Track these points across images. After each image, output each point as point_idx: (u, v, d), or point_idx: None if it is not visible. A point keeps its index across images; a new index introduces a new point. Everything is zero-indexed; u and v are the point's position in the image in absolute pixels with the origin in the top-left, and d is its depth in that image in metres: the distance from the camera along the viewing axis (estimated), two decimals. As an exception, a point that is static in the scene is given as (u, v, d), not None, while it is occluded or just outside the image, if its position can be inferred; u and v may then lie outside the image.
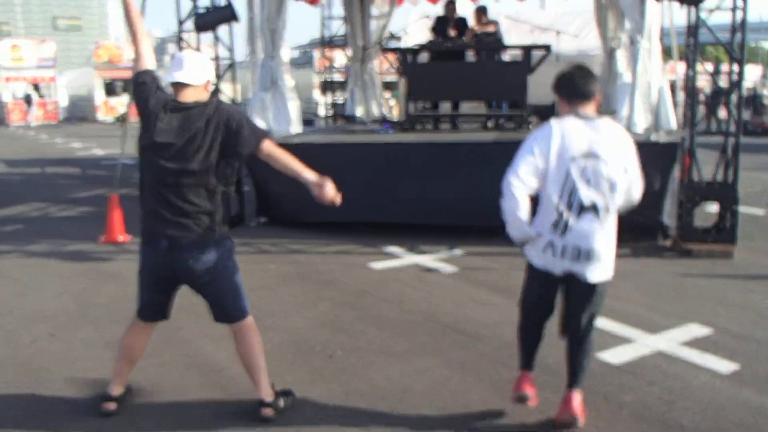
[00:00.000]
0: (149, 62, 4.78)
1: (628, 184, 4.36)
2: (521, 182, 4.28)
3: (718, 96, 9.97)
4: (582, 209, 4.26)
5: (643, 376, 5.40)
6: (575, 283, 4.43)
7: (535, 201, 4.42)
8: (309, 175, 4.81)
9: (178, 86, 4.50)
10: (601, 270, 4.38)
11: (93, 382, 5.40)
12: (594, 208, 4.26)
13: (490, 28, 12.74)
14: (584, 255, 4.31)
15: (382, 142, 11.17)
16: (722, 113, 9.95)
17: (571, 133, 4.30)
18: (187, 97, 4.49)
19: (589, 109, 4.41)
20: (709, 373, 5.46)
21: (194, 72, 4.51)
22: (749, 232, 9.95)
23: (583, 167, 4.24)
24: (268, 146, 4.63)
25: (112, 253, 9.59)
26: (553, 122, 4.39)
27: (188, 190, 4.45)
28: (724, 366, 5.58)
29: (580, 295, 4.47)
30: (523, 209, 4.32)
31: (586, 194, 4.25)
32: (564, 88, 4.49)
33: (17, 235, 10.88)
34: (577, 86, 4.43)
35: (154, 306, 4.85)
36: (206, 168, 4.44)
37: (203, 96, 4.58)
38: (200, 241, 4.51)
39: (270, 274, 8.47)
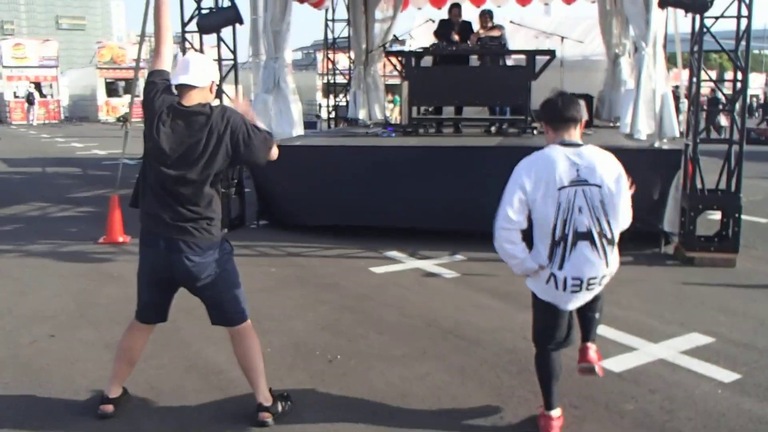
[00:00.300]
0: (166, 64, 4.75)
1: (620, 208, 4.29)
2: (512, 225, 4.29)
3: (715, 104, 9.97)
4: (577, 238, 4.20)
5: (644, 385, 5.37)
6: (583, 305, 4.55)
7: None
8: None
9: (183, 88, 4.47)
10: (604, 283, 4.46)
11: (92, 383, 5.38)
12: (589, 236, 4.20)
13: (495, 33, 12.73)
14: (585, 285, 4.29)
15: (385, 146, 11.16)
16: (724, 121, 9.93)
17: (558, 162, 4.23)
18: (192, 99, 4.46)
19: (575, 134, 4.35)
20: (710, 382, 5.43)
21: (199, 74, 4.49)
22: (752, 240, 9.94)
23: (573, 195, 4.18)
24: (275, 153, 4.66)
25: (113, 253, 9.57)
26: (539, 153, 4.35)
27: (187, 196, 4.43)
28: (726, 375, 5.55)
29: (588, 305, 4.61)
30: (519, 249, 4.34)
31: (580, 222, 4.18)
32: (548, 114, 4.44)
33: (17, 235, 10.86)
34: (560, 111, 4.36)
35: (152, 307, 4.83)
36: (206, 176, 4.43)
37: (209, 97, 4.56)
38: (199, 243, 4.48)
39: (270, 277, 8.45)
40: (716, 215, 9.51)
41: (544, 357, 4.61)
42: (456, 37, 12.80)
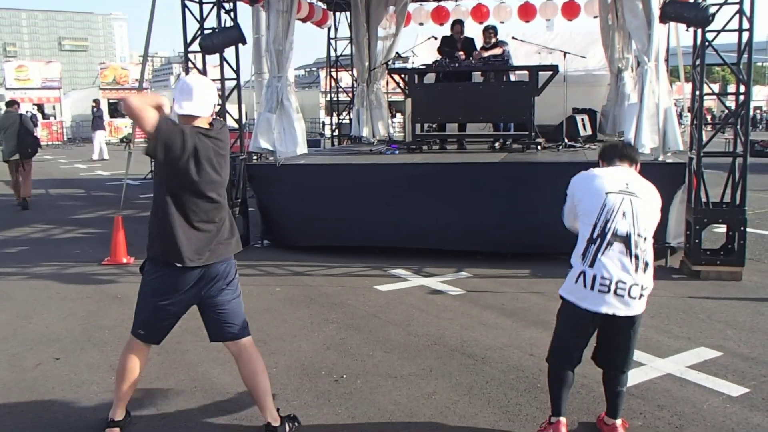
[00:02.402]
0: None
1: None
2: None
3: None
4: (614, 239, 4.36)
5: (652, 400, 5.34)
6: (609, 319, 4.43)
7: None
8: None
9: (188, 116, 4.50)
10: (636, 305, 4.40)
11: (98, 406, 5.36)
12: (627, 240, 4.35)
13: (497, 51, 12.72)
14: (614, 287, 4.33)
15: (389, 163, 11.14)
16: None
17: (608, 173, 4.63)
18: (197, 123, 4.50)
19: (626, 165, 4.74)
20: (719, 397, 5.40)
21: (204, 103, 4.50)
22: (758, 253, 9.92)
23: (620, 201, 4.41)
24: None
25: (117, 275, 9.56)
26: (589, 171, 4.70)
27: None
28: (735, 389, 5.53)
29: (615, 330, 4.52)
30: None
31: (621, 225, 4.37)
32: (605, 153, 4.89)
33: (22, 257, 10.86)
34: (618, 150, 4.87)
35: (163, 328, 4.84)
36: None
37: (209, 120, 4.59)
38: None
39: (276, 296, 8.43)
40: (722, 228, 9.49)
41: (556, 373, 4.70)
42: (461, 54, 12.80)
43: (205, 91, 4.56)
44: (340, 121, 18.51)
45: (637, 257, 4.34)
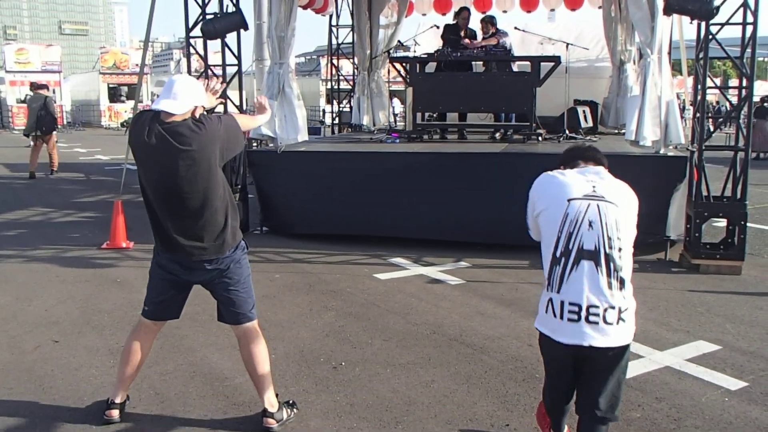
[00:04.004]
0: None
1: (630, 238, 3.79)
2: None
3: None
4: (581, 256, 3.66)
5: (651, 393, 5.35)
6: (588, 355, 3.73)
7: None
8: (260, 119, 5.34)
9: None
10: (616, 332, 3.68)
11: (96, 389, 5.37)
12: (596, 255, 3.64)
13: (492, 41, 12.66)
14: (584, 314, 3.63)
15: (389, 152, 11.14)
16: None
17: (571, 176, 3.92)
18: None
19: (591, 166, 4.05)
20: (717, 390, 5.41)
21: (183, 104, 4.48)
22: (757, 248, 9.94)
23: (585, 207, 3.72)
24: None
25: (116, 259, 9.55)
26: (550, 173, 4.02)
27: None
28: (733, 383, 5.53)
29: (592, 365, 3.80)
30: None
31: (588, 238, 3.66)
32: (566, 157, 4.25)
33: (21, 240, 10.85)
34: (580, 150, 4.21)
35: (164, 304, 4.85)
36: None
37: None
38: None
39: (275, 283, 8.43)
40: (722, 222, 9.49)
41: (552, 408, 4.22)
42: (466, 41, 12.75)
43: (187, 92, 4.53)
44: (341, 109, 18.49)
45: (609, 275, 3.63)
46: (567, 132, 12.28)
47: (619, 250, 3.67)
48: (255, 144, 11.95)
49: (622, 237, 3.68)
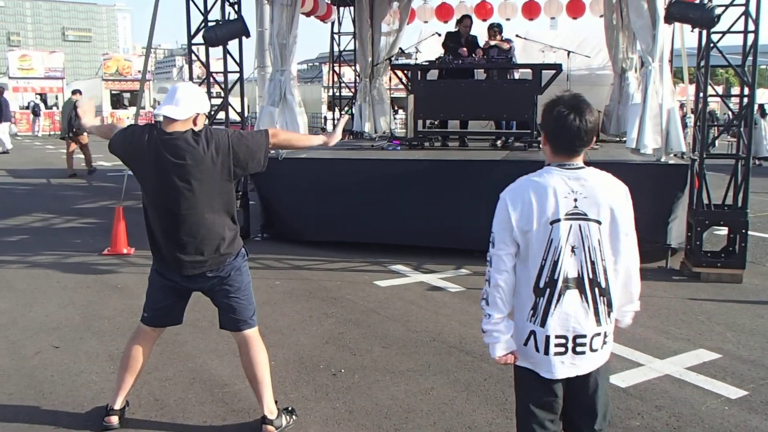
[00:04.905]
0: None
1: (626, 256, 3.48)
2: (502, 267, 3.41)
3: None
4: (566, 286, 3.32)
5: (650, 401, 5.34)
6: (571, 383, 3.47)
7: None
8: (318, 140, 5.14)
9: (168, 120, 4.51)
10: (600, 355, 3.44)
11: (96, 395, 5.37)
12: (580, 283, 3.33)
13: (505, 45, 12.70)
14: (571, 346, 3.35)
15: (390, 159, 11.14)
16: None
17: (551, 190, 3.35)
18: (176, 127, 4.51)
19: (579, 159, 3.44)
20: (717, 399, 5.40)
21: (185, 110, 4.48)
22: (758, 256, 9.93)
23: (568, 231, 3.31)
24: None
25: (117, 265, 9.56)
26: (528, 180, 3.47)
27: None
28: (733, 392, 5.53)
29: (576, 390, 3.50)
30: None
31: (571, 265, 3.32)
32: (552, 127, 3.43)
33: (22, 246, 10.86)
34: (569, 130, 3.35)
35: (164, 310, 4.84)
36: None
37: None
38: None
39: (275, 290, 8.43)
40: (723, 230, 9.49)
41: None
42: (464, 51, 12.78)
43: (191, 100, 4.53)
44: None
45: (596, 301, 3.35)
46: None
47: (604, 270, 3.37)
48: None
49: (607, 257, 3.37)
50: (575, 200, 3.33)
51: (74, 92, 22.28)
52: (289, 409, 4.98)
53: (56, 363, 6.08)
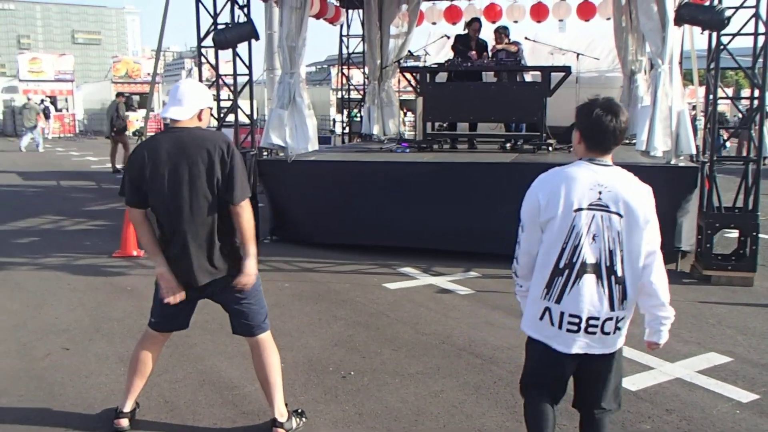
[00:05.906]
0: None
1: (647, 251, 3.64)
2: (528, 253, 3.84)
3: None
4: (584, 270, 3.60)
5: (661, 405, 5.32)
6: (585, 360, 3.75)
7: None
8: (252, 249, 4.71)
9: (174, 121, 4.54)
10: (612, 340, 3.72)
11: (106, 397, 5.38)
12: (597, 269, 3.60)
13: (512, 48, 12.69)
14: (584, 326, 3.64)
15: (399, 162, 11.13)
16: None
17: (579, 181, 3.66)
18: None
19: (609, 157, 3.76)
20: (728, 402, 5.38)
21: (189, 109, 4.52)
22: (769, 259, 9.88)
23: (590, 219, 3.60)
24: None
25: (127, 267, 9.58)
26: (559, 170, 3.79)
27: None
28: (744, 395, 5.50)
29: (590, 370, 3.80)
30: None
31: (590, 252, 3.60)
32: (589, 127, 3.74)
33: (32, 248, 10.89)
34: (605, 132, 3.68)
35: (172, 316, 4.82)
36: None
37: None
38: None
39: (284, 292, 8.43)
40: (734, 233, 9.45)
41: (532, 411, 3.94)
42: (473, 54, 12.77)
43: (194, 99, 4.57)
44: (351, 118, 18.53)
45: (611, 288, 3.61)
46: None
47: (621, 261, 3.61)
48: (266, 153, 11.96)
49: (625, 248, 3.60)
50: (600, 193, 3.63)
51: (118, 95, 23.04)
52: (299, 411, 4.98)
53: (66, 365, 6.10)
